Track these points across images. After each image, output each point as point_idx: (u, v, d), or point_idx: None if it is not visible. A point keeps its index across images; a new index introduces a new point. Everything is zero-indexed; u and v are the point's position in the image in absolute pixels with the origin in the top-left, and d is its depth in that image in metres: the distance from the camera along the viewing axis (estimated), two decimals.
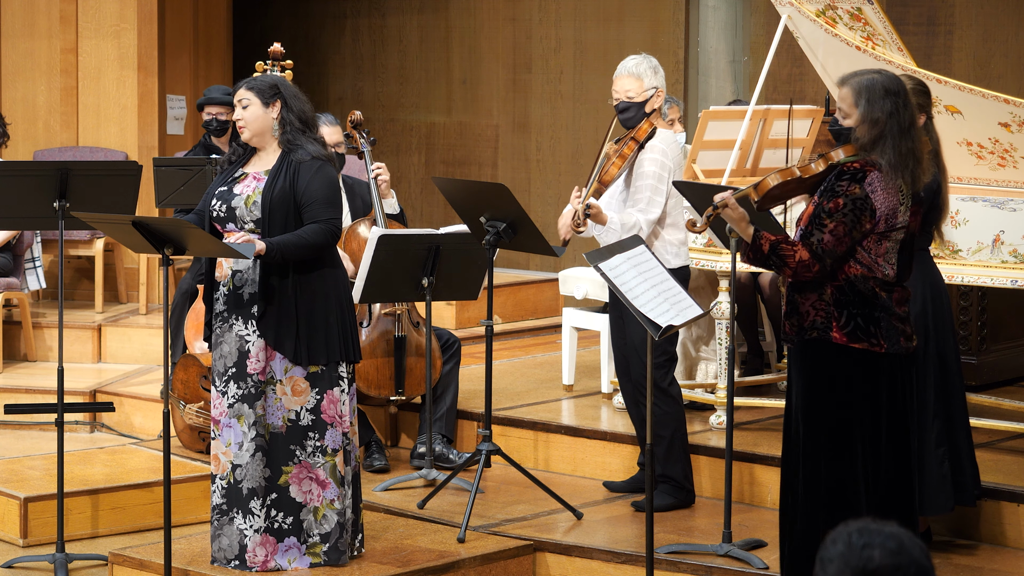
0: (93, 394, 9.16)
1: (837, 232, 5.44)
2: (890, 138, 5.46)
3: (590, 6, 11.51)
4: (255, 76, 6.43)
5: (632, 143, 6.96)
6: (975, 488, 6.49)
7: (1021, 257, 7.02)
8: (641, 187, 6.93)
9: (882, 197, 5.46)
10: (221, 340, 6.27)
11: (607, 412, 8.16)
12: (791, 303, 5.62)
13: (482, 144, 12.00)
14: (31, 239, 9.77)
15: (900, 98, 5.50)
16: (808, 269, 5.48)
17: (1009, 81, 9.96)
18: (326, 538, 6.31)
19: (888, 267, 5.53)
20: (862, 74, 5.57)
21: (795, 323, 5.61)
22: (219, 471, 6.29)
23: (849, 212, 5.44)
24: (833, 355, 5.55)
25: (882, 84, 5.51)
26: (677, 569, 6.43)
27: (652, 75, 7.01)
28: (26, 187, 6.80)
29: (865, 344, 5.51)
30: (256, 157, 6.37)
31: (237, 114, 6.30)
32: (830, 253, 5.46)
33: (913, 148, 5.49)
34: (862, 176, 5.47)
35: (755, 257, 5.58)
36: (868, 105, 5.48)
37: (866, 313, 5.50)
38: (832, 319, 5.51)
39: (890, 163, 5.46)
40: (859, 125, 5.50)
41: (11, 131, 10.13)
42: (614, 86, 7.05)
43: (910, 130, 5.49)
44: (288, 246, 6.11)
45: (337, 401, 6.29)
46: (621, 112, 7.01)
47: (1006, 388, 8.27)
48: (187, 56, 11.10)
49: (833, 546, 3.01)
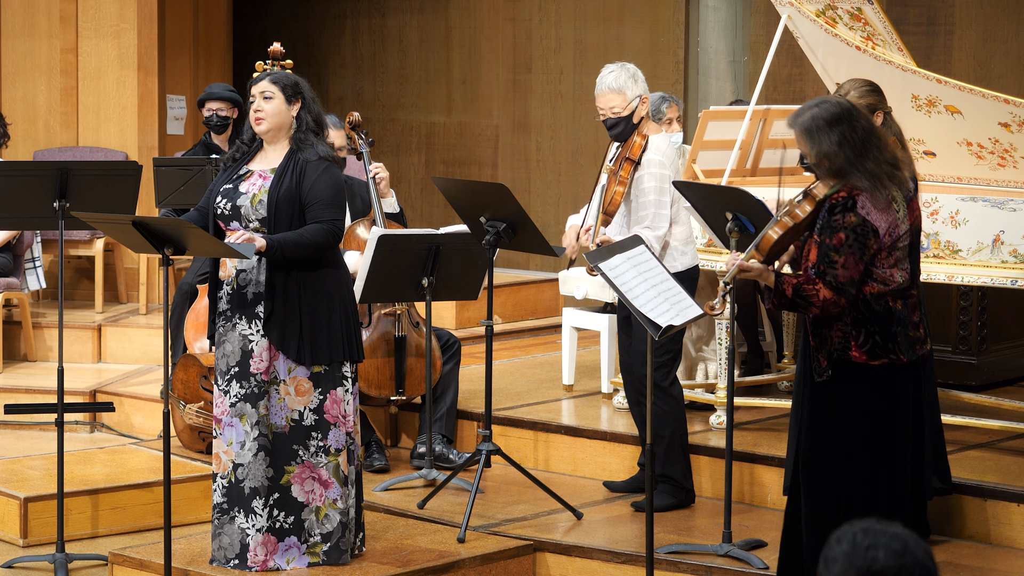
0: (93, 394, 9.16)
1: (849, 264, 5.44)
2: (853, 163, 5.44)
3: (590, 6, 11.51)
4: (278, 71, 6.42)
5: (628, 164, 6.95)
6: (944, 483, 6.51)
7: (1021, 257, 7.02)
8: (644, 204, 6.91)
9: (878, 216, 5.45)
10: (224, 339, 6.27)
11: (607, 412, 8.16)
12: (819, 337, 5.58)
13: (482, 144, 12.00)
14: (31, 239, 9.77)
15: (844, 124, 5.44)
16: (835, 305, 5.46)
17: (1009, 81, 9.96)
18: (327, 538, 6.31)
19: (901, 274, 5.54)
20: (803, 112, 5.51)
21: (826, 354, 5.59)
22: (220, 470, 6.29)
23: (854, 242, 5.43)
24: (853, 374, 5.53)
25: (823, 118, 5.46)
26: (677, 569, 6.43)
27: (633, 84, 6.96)
28: (26, 187, 6.80)
29: (885, 360, 5.51)
30: (262, 154, 6.36)
31: (257, 104, 6.27)
32: (849, 284, 5.44)
33: (880, 160, 5.46)
34: (852, 203, 5.46)
35: (780, 303, 5.56)
36: (817, 143, 5.46)
37: (884, 330, 5.51)
38: (850, 338, 5.51)
39: (870, 184, 5.45)
40: (819, 163, 5.50)
41: (11, 131, 10.13)
42: (597, 103, 7.00)
43: (867, 145, 5.45)
44: (289, 244, 6.10)
45: (341, 401, 6.30)
46: (610, 128, 6.99)
47: (1006, 388, 8.27)
48: (187, 56, 11.10)
49: (838, 545, 3.01)
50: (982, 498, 6.70)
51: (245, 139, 6.39)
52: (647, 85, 7.06)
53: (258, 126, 6.29)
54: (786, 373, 8.36)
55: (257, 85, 6.30)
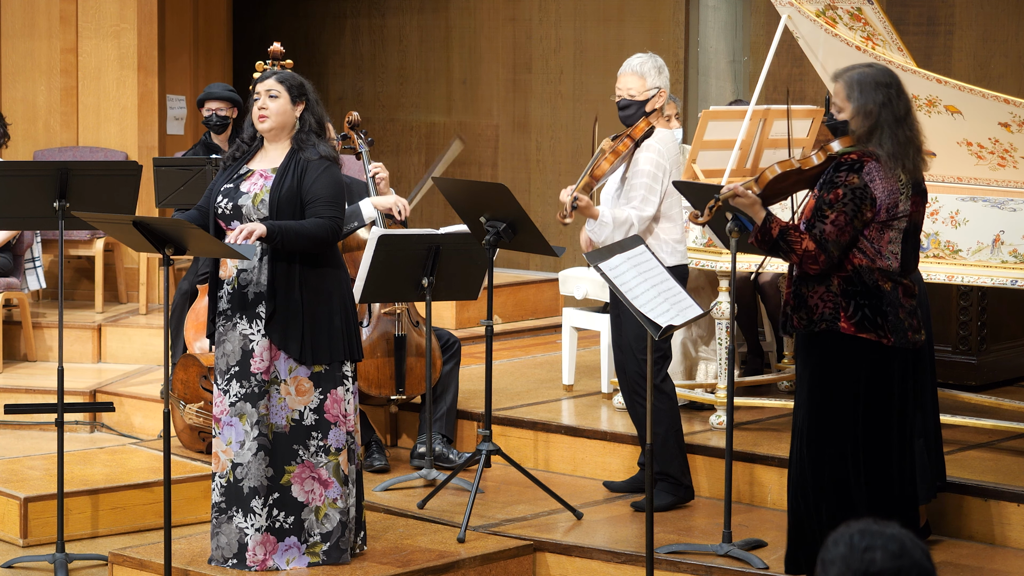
0: (93, 394, 9.16)
1: (838, 222, 5.49)
2: (886, 128, 5.52)
3: (590, 6, 11.51)
4: (284, 70, 6.41)
5: (628, 140, 6.98)
6: (938, 481, 6.52)
7: (1021, 257, 7.02)
8: (636, 184, 6.95)
9: (881, 186, 5.51)
10: (224, 338, 6.27)
11: (607, 412, 8.16)
12: (797, 296, 5.65)
13: (482, 144, 12.00)
14: (31, 239, 9.77)
15: (892, 89, 5.57)
16: (814, 260, 5.51)
17: (1009, 81, 9.96)
18: (327, 537, 6.31)
19: (892, 258, 5.57)
20: (854, 68, 5.64)
21: (803, 316, 5.64)
22: (219, 469, 6.29)
23: (849, 202, 5.49)
24: (841, 345, 5.59)
25: (873, 77, 5.58)
26: (677, 569, 6.43)
27: (656, 75, 7.02)
28: (26, 187, 6.80)
29: (872, 335, 5.55)
30: (262, 153, 6.36)
31: (263, 102, 6.26)
32: (834, 243, 5.50)
33: (911, 136, 5.56)
34: (860, 166, 5.52)
35: (763, 239, 5.61)
36: (861, 97, 5.54)
37: (873, 305, 5.56)
38: (840, 309, 5.57)
39: (889, 153, 5.51)
40: (853, 117, 5.56)
41: (11, 131, 10.12)
42: (617, 83, 7.07)
43: (906, 118, 5.57)
44: (289, 232, 6.10)
45: (341, 400, 6.30)
46: (622, 109, 7.03)
47: (1006, 388, 8.27)
48: (187, 56, 11.09)
49: (835, 547, 3.01)
50: (982, 498, 6.70)
51: (245, 138, 6.39)
52: (670, 84, 7.10)
53: (261, 123, 6.29)
54: (786, 373, 8.36)
55: (263, 83, 6.30)
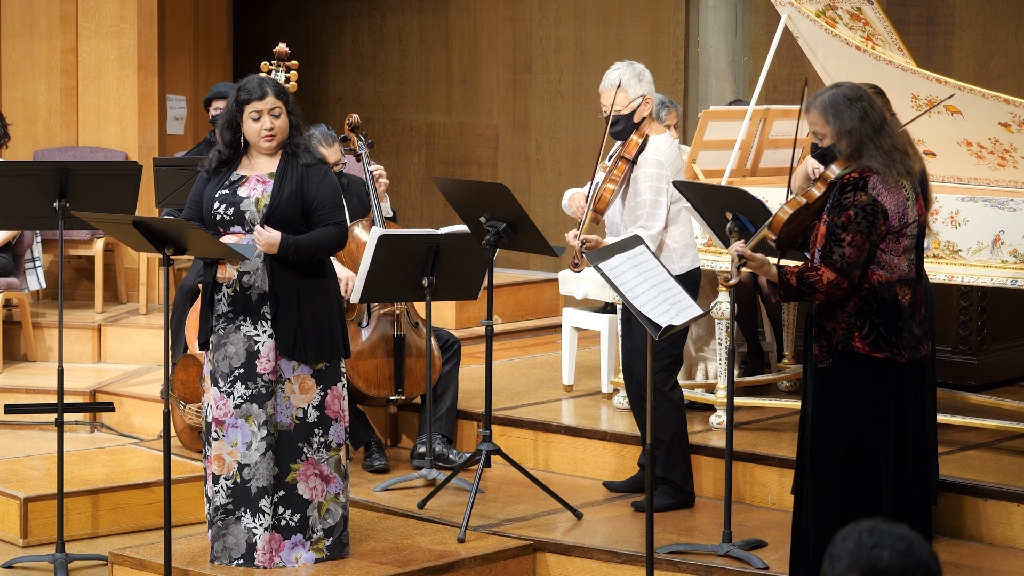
0: (93, 394, 9.16)
1: (856, 243, 5.46)
2: (869, 141, 5.50)
3: (590, 6, 11.51)
4: (272, 81, 6.31)
5: (623, 163, 6.93)
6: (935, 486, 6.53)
7: (1021, 257, 7.02)
8: (640, 203, 6.89)
9: (888, 197, 5.50)
10: (225, 341, 6.27)
11: (607, 412, 8.16)
12: (818, 327, 5.60)
13: (482, 144, 12.00)
14: (31, 239, 9.77)
15: (864, 102, 5.56)
16: (838, 288, 5.48)
17: (1009, 81, 9.96)
18: (330, 532, 6.36)
19: (909, 266, 5.56)
20: (821, 94, 5.62)
21: (824, 344, 5.60)
22: (223, 471, 6.28)
23: (862, 220, 5.46)
24: (855, 365, 5.54)
25: (844, 95, 5.57)
26: (677, 569, 6.43)
27: (637, 84, 6.94)
28: (26, 187, 6.80)
29: (887, 353, 5.52)
30: (247, 159, 6.33)
31: (268, 122, 6.21)
32: (854, 265, 5.47)
33: (894, 142, 5.56)
34: (863, 183, 5.50)
35: (786, 295, 5.58)
36: (837, 119, 5.54)
37: (888, 323, 5.52)
38: (854, 329, 5.53)
39: (883, 164, 5.50)
40: (839, 140, 5.55)
41: (11, 131, 10.12)
42: (601, 98, 7.00)
43: (884, 127, 5.56)
44: (303, 245, 6.14)
45: (340, 396, 6.37)
46: (611, 126, 6.97)
47: (1006, 388, 8.27)
48: (187, 56, 11.09)
49: (843, 543, 3.01)
50: (982, 498, 6.70)
51: (226, 144, 6.32)
52: (653, 86, 7.04)
53: (270, 143, 6.25)
54: (786, 373, 8.36)
55: (263, 101, 6.21)
